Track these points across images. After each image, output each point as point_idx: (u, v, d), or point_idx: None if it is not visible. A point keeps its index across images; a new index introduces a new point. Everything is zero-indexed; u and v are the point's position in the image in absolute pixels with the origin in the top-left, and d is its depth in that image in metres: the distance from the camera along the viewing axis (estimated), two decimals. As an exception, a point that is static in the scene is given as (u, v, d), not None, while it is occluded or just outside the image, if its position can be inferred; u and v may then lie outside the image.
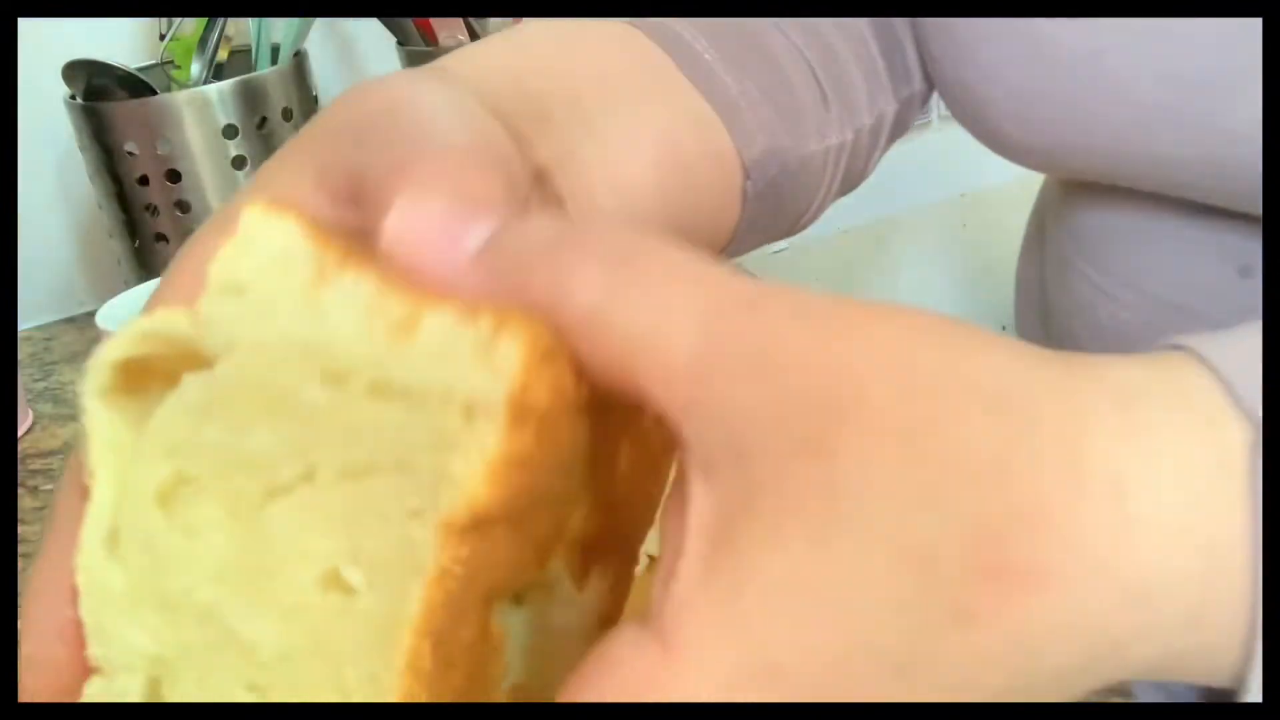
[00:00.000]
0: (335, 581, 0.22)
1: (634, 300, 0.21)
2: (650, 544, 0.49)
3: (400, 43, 0.92)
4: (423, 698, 0.22)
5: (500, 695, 0.24)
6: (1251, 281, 0.53)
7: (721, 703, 0.20)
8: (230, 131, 0.81)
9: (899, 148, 1.17)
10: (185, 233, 0.83)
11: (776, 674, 0.20)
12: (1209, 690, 0.24)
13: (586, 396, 0.22)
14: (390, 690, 0.21)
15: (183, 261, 0.29)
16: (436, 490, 0.21)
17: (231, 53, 0.85)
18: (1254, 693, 0.22)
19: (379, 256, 0.23)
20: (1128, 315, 0.58)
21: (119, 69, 0.82)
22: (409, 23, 0.89)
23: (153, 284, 0.72)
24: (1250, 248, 0.53)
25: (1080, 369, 0.22)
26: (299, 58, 0.86)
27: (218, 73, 0.85)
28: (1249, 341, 0.23)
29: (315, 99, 0.88)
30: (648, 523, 0.29)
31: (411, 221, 0.23)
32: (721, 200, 0.41)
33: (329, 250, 0.23)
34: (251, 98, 0.82)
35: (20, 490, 0.71)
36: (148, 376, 0.25)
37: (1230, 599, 0.21)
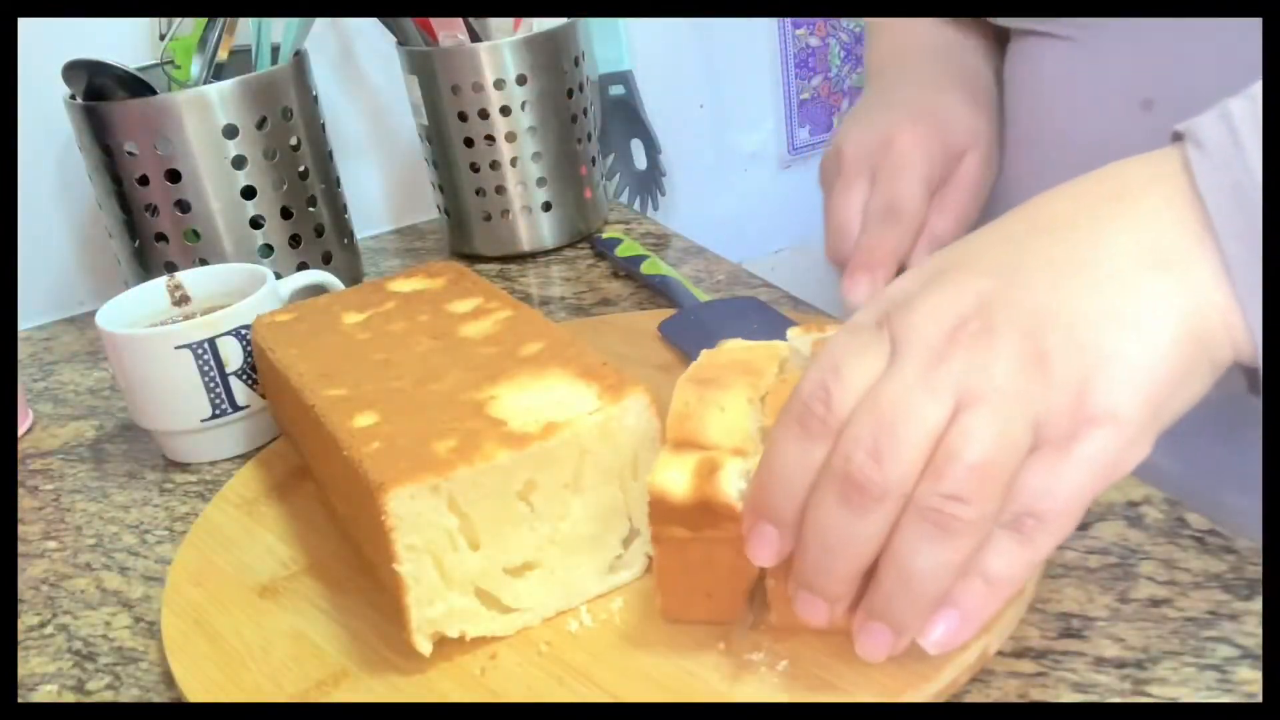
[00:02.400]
0: None
1: None
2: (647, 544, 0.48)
3: (400, 43, 0.92)
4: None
5: None
6: (1151, 114, 0.59)
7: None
8: (230, 131, 0.81)
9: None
10: (185, 233, 0.83)
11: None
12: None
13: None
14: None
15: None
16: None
17: (231, 53, 0.85)
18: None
19: None
20: (1054, 156, 0.65)
21: (119, 69, 0.82)
22: (409, 23, 0.90)
23: (153, 284, 0.73)
24: (1147, 84, 0.59)
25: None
26: (299, 58, 0.86)
27: (218, 73, 0.85)
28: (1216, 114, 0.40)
29: (315, 99, 0.88)
30: None
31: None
32: None
33: None
34: (251, 98, 0.82)
35: (20, 490, 0.71)
36: None
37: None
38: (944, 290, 0.38)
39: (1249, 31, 0.53)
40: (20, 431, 0.78)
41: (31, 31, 0.87)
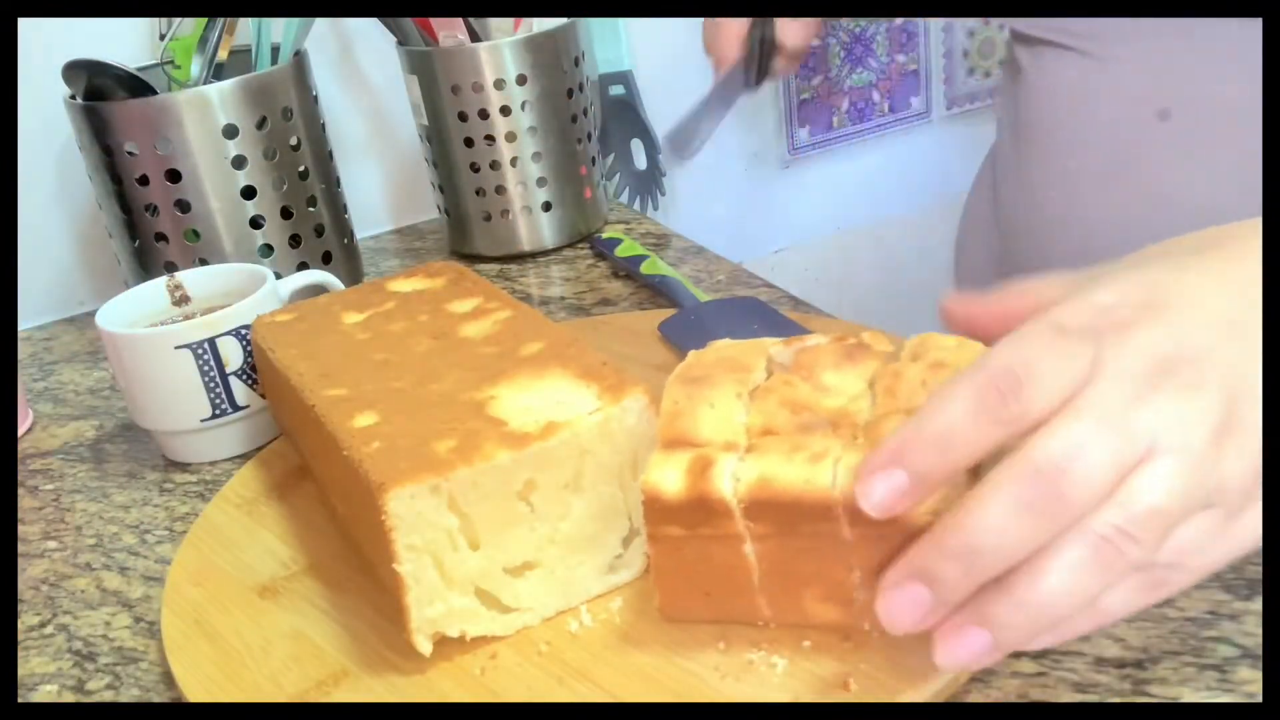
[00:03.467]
0: None
1: None
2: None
3: (400, 43, 0.92)
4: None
5: None
6: (1168, 124, 0.59)
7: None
8: (230, 131, 0.81)
9: (899, 148, 1.19)
10: (185, 233, 0.83)
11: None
12: None
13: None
14: None
15: None
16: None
17: (231, 53, 0.85)
18: None
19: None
20: (1072, 166, 0.64)
21: (119, 69, 0.82)
22: (409, 23, 0.90)
23: (153, 284, 0.73)
24: (1162, 94, 0.59)
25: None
26: (299, 58, 0.86)
27: (218, 73, 0.85)
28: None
29: (315, 99, 0.88)
30: None
31: None
32: None
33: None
34: (251, 98, 0.82)
35: (20, 490, 0.71)
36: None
37: None
38: (1162, 328, 0.37)
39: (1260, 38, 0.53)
40: (20, 431, 0.78)
41: (31, 31, 0.87)
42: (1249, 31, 0.54)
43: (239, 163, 0.82)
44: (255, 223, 0.84)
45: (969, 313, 0.44)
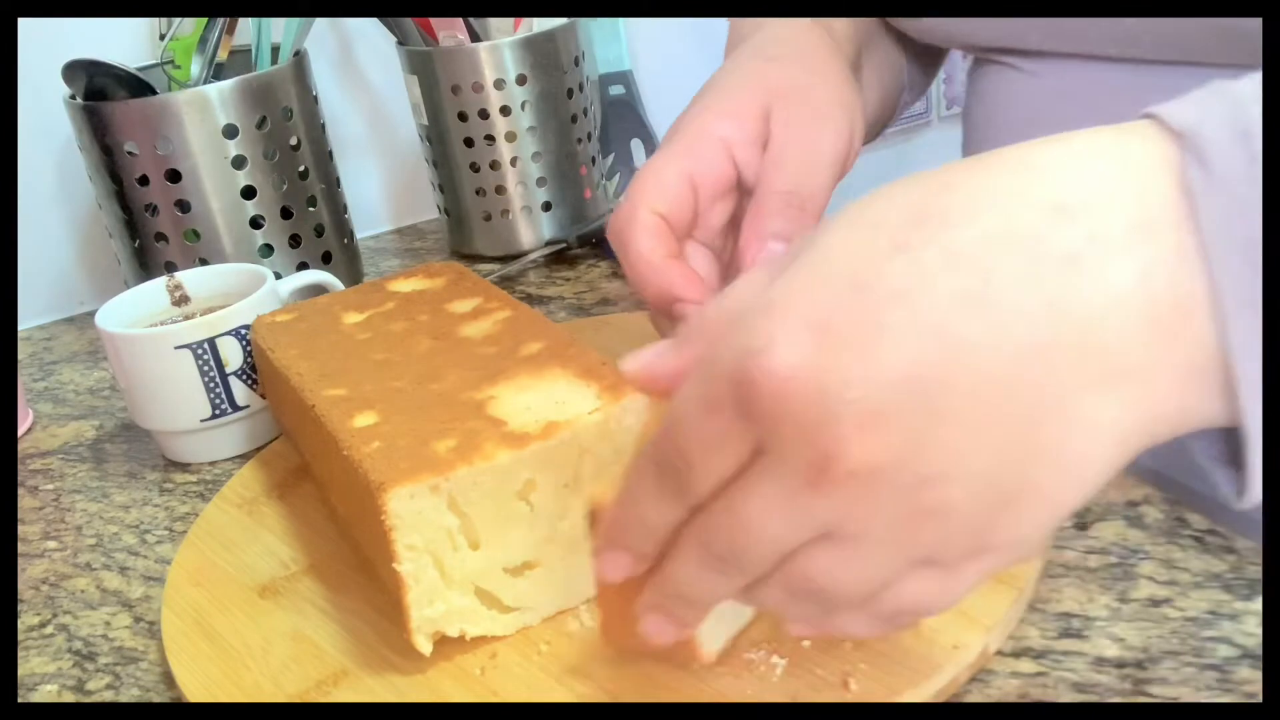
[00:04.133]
0: None
1: None
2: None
3: (400, 43, 0.92)
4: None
5: None
6: None
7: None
8: (230, 131, 0.81)
9: (899, 149, 1.18)
10: (185, 233, 0.83)
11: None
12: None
13: None
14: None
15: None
16: None
17: (231, 53, 0.85)
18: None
19: None
20: None
21: (119, 69, 0.82)
22: (409, 23, 0.90)
23: (153, 284, 0.73)
24: (1151, 99, 0.56)
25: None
26: (299, 58, 0.86)
27: (218, 73, 0.85)
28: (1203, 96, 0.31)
29: (315, 99, 0.88)
30: None
31: None
32: None
33: None
34: (251, 98, 0.82)
35: (20, 490, 0.71)
36: None
37: (1168, 215, 0.29)
38: (829, 376, 0.30)
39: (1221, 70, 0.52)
40: (20, 431, 0.78)
41: (31, 31, 0.87)
42: (1206, 60, 0.53)
43: (239, 163, 0.82)
44: (255, 223, 0.84)
45: (651, 375, 0.36)
